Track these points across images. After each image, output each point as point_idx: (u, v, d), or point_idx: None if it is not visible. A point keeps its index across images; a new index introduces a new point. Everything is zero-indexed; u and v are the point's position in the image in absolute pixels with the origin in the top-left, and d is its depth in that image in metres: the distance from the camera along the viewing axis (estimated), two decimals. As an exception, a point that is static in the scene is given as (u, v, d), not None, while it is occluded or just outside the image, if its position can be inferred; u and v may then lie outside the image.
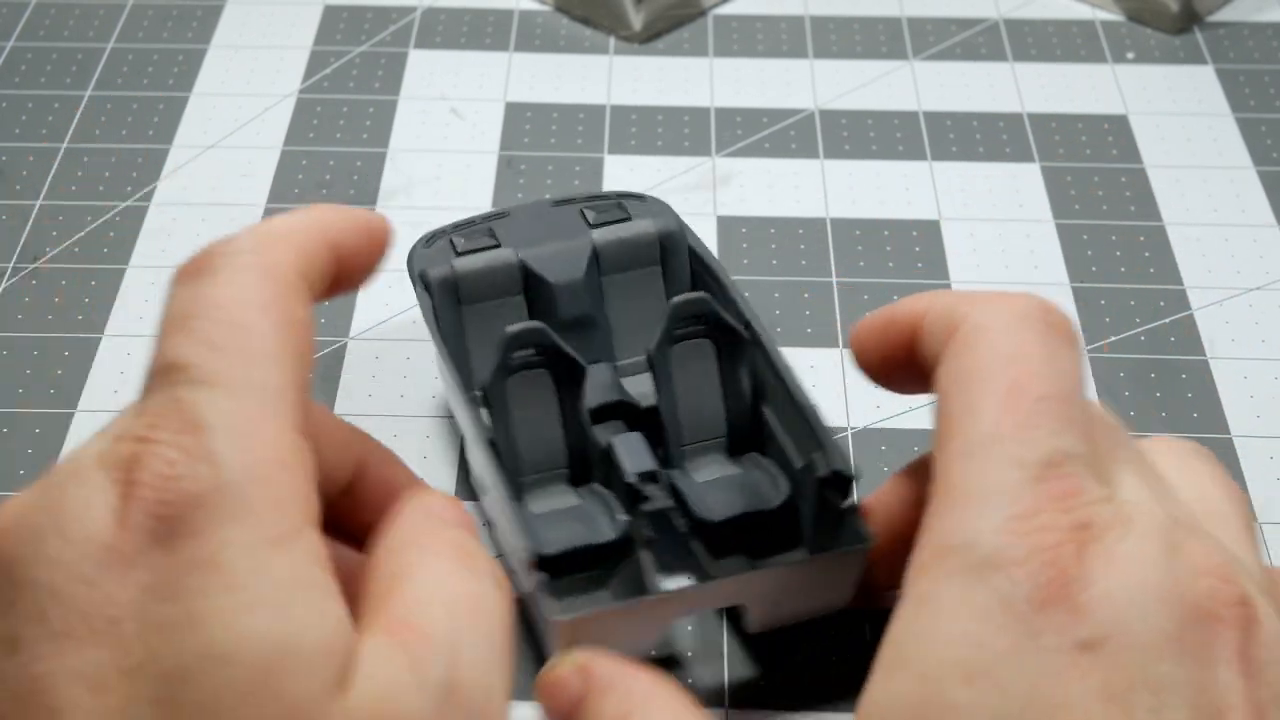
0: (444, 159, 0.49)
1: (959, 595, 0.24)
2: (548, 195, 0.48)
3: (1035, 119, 0.51)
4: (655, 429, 0.36)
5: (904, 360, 0.30)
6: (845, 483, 0.33)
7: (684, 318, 0.36)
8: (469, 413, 0.35)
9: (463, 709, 0.25)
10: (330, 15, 0.56)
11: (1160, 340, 0.43)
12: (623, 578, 0.34)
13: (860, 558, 0.33)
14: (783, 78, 0.53)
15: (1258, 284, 0.45)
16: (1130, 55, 0.54)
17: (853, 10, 0.56)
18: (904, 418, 0.41)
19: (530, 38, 0.55)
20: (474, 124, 0.51)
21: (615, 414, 0.37)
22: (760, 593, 0.33)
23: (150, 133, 0.50)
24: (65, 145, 0.50)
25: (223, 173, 0.49)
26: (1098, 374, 0.42)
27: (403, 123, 0.51)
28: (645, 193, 0.41)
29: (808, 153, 0.50)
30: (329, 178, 0.49)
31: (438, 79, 0.53)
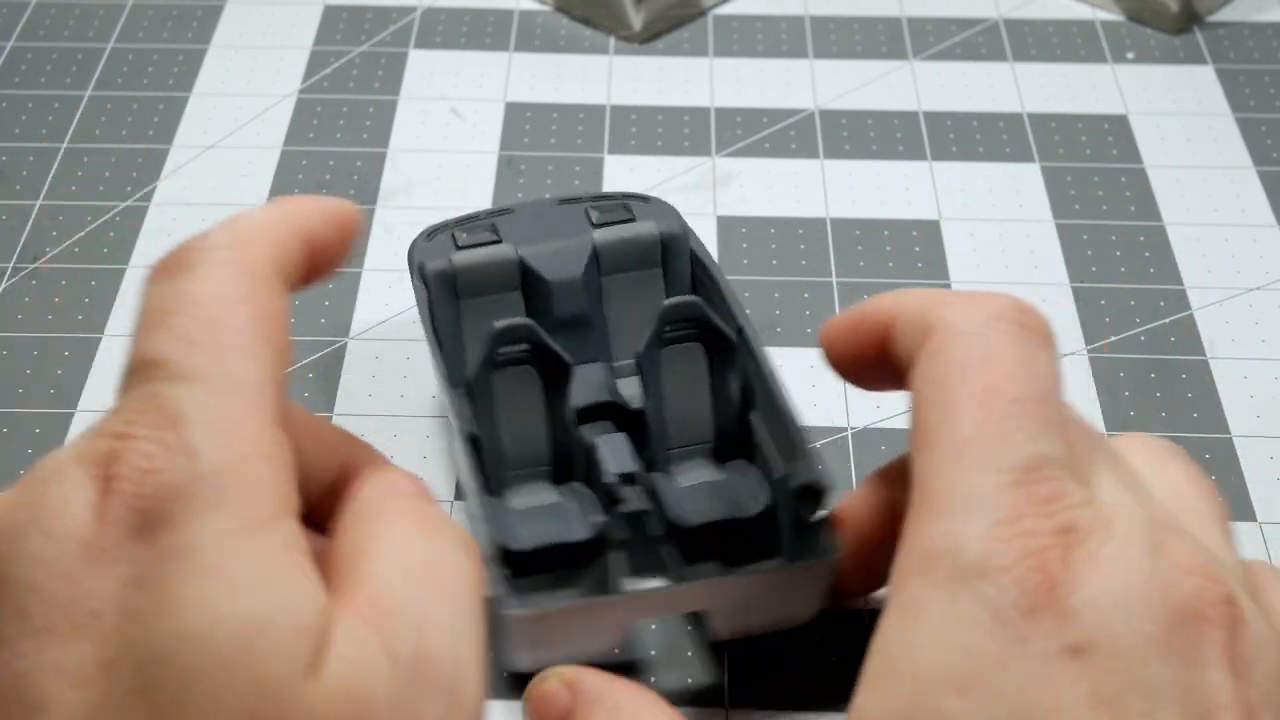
0: (444, 159, 0.49)
1: (946, 603, 0.24)
2: (548, 195, 0.48)
3: (1035, 119, 0.51)
4: (643, 431, 0.36)
5: (875, 359, 0.30)
6: (817, 495, 0.32)
7: (674, 320, 0.36)
8: (453, 406, 0.35)
9: (434, 681, 0.24)
10: (330, 15, 0.56)
11: (1160, 340, 0.43)
12: (592, 578, 0.33)
13: (825, 571, 0.32)
14: (783, 78, 0.53)
15: (1258, 284, 0.45)
16: (1130, 55, 0.54)
17: (853, 10, 0.56)
18: (904, 418, 0.41)
19: (530, 38, 0.55)
20: (474, 124, 0.51)
21: (605, 414, 0.37)
22: (722, 600, 0.32)
23: (150, 133, 0.50)
24: (65, 145, 0.50)
25: (223, 173, 0.49)
26: (1098, 374, 0.42)
27: (403, 123, 0.51)
28: (650, 194, 0.41)
29: (808, 153, 0.50)
30: (329, 178, 0.49)
31: (438, 79, 0.53)
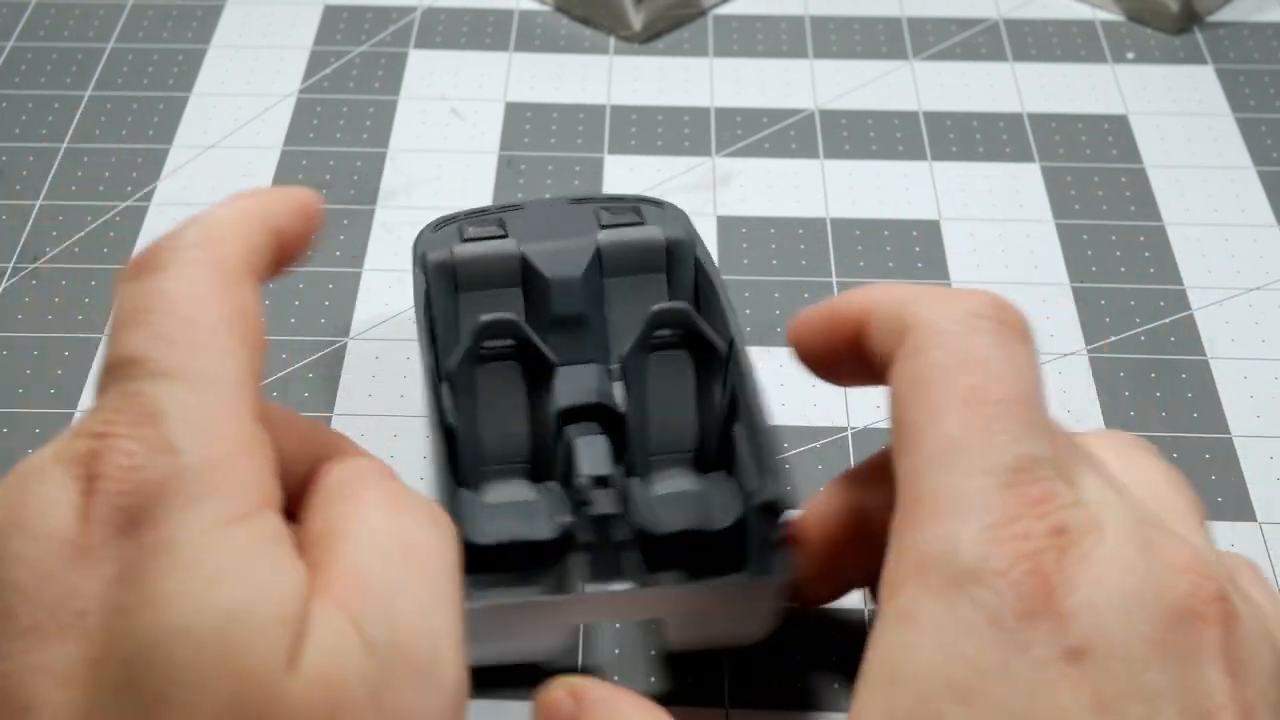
0: (444, 159, 0.49)
1: (944, 610, 0.24)
2: (557, 194, 0.48)
3: (1035, 119, 0.51)
4: (626, 435, 0.36)
5: (849, 355, 0.30)
6: (777, 513, 0.32)
7: (663, 325, 0.36)
8: (430, 396, 0.35)
9: (410, 665, 0.24)
10: (330, 15, 0.56)
11: (1160, 340, 0.43)
12: (552, 577, 0.33)
13: (774, 591, 0.32)
14: (783, 78, 0.53)
15: (1258, 284, 0.45)
16: (1130, 55, 0.54)
17: (853, 10, 0.56)
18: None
19: (530, 38, 0.55)
20: (474, 124, 0.51)
21: (593, 416, 0.36)
22: (670, 611, 0.32)
23: (150, 133, 0.50)
24: (65, 145, 0.50)
25: (223, 173, 0.49)
26: (1098, 374, 0.42)
27: (403, 123, 0.51)
28: (663, 199, 0.40)
29: (808, 153, 0.50)
30: (329, 178, 0.49)
31: (438, 79, 0.53)
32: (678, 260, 0.39)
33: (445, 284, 0.38)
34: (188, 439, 0.24)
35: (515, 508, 0.36)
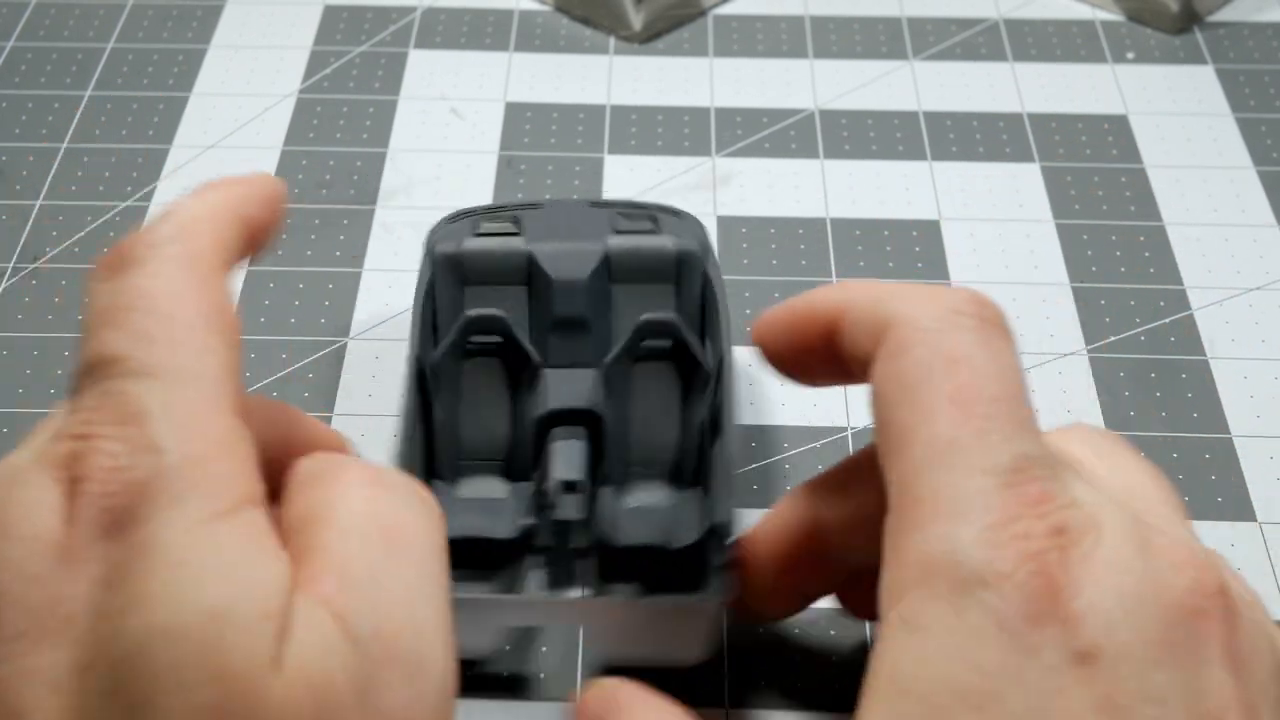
0: (444, 159, 0.49)
1: (951, 616, 0.24)
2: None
3: (1035, 119, 0.51)
4: (604, 443, 0.36)
5: (820, 353, 0.29)
6: (722, 538, 0.32)
7: (650, 336, 0.36)
8: (411, 383, 0.35)
9: (396, 658, 0.24)
10: (330, 15, 0.56)
11: (1160, 340, 0.43)
12: (505, 577, 0.33)
13: (707, 614, 0.32)
14: (783, 78, 0.53)
15: (1258, 284, 0.45)
16: (1130, 55, 0.54)
17: (853, 10, 0.56)
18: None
19: (530, 38, 0.55)
20: (474, 124, 0.51)
21: (581, 420, 0.36)
22: (599, 623, 0.32)
23: (150, 133, 0.50)
24: (65, 145, 0.50)
25: (223, 173, 0.48)
26: (1098, 374, 0.42)
27: (403, 123, 0.51)
28: (684, 210, 0.40)
29: (808, 153, 0.50)
30: (329, 178, 0.49)
31: (438, 79, 0.53)
32: (687, 272, 0.38)
33: (452, 276, 0.38)
34: (171, 438, 0.24)
35: (482, 504, 0.35)
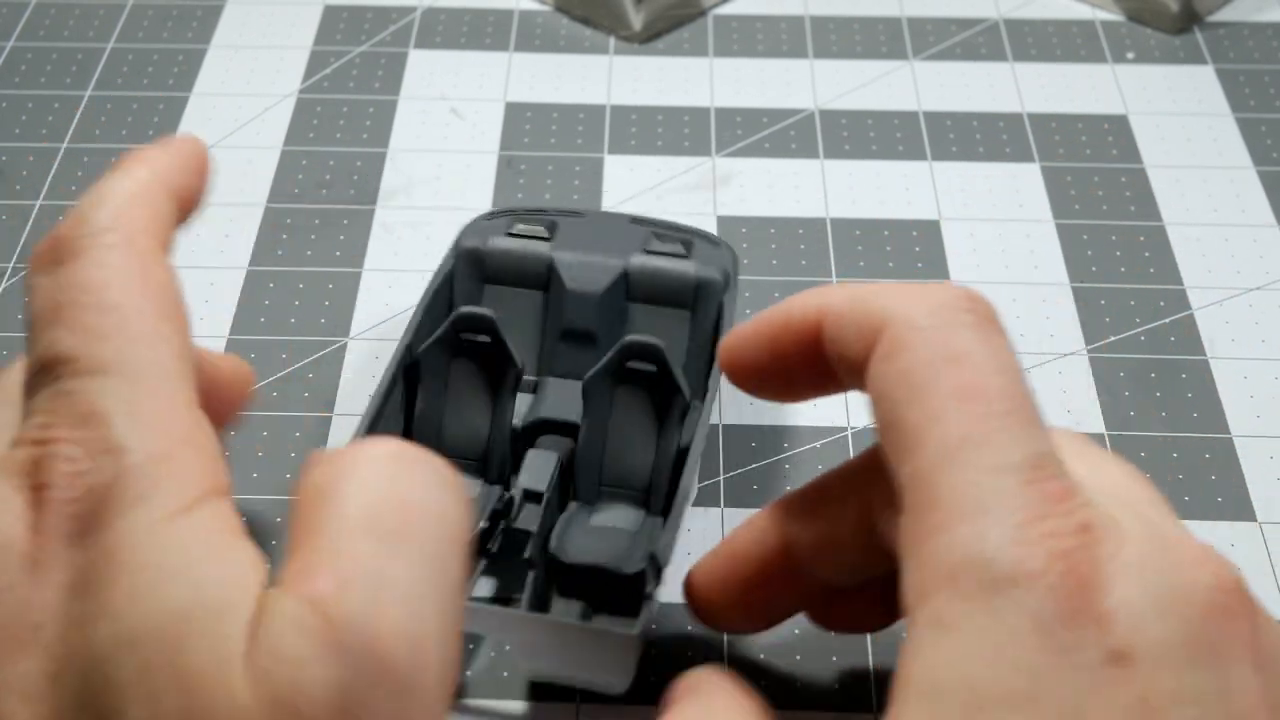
0: (444, 159, 0.49)
1: (985, 617, 0.23)
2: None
3: (1035, 119, 0.51)
4: (575, 459, 0.36)
5: (801, 364, 0.29)
6: (658, 570, 0.32)
7: (632, 358, 0.35)
8: (390, 373, 0.35)
9: (386, 673, 0.22)
10: (330, 15, 0.56)
11: (1160, 340, 0.43)
12: None
13: (622, 644, 0.31)
14: (783, 78, 0.53)
15: (1258, 284, 0.45)
16: (1130, 55, 0.54)
17: (853, 10, 0.56)
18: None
19: (530, 38, 0.55)
20: (474, 124, 0.51)
21: (567, 432, 0.36)
22: (519, 638, 0.32)
23: (150, 133, 0.50)
24: (65, 145, 0.50)
25: (223, 173, 0.49)
26: (1098, 374, 0.42)
27: (403, 123, 0.51)
28: (720, 237, 0.40)
29: (808, 153, 0.50)
30: (329, 178, 0.49)
31: (438, 79, 0.53)
32: (704, 301, 0.38)
33: (473, 271, 0.39)
34: (132, 437, 0.23)
35: None
